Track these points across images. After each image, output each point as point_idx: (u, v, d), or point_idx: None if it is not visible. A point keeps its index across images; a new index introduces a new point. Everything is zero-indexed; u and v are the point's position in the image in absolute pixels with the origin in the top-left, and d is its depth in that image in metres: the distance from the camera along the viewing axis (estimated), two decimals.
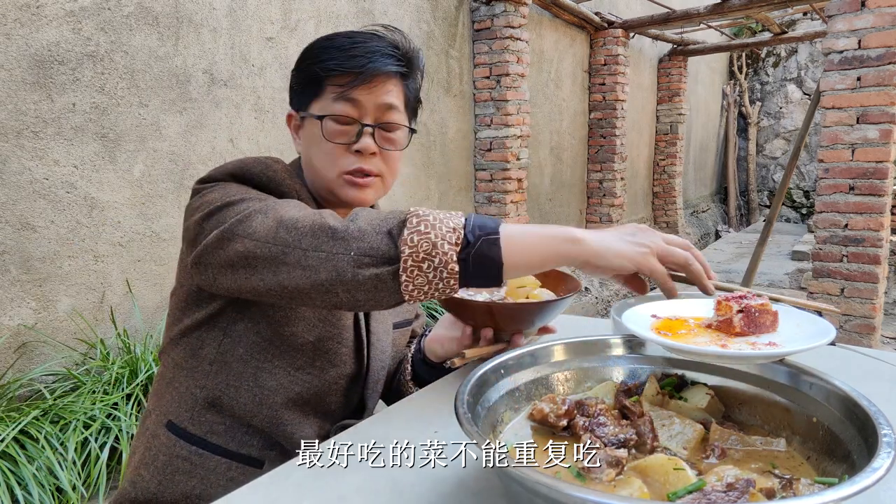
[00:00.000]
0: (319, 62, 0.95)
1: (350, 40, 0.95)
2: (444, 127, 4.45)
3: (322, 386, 0.97)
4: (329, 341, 0.96)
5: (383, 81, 0.95)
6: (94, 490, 2.05)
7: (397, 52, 0.97)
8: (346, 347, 0.99)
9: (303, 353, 0.95)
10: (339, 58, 0.94)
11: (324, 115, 0.94)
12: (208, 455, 0.94)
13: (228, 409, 0.94)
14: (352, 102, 0.93)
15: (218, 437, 0.94)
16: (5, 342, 2.27)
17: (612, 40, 5.98)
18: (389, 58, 0.95)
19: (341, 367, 0.99)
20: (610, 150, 6.19)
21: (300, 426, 0.95)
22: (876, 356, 1.08)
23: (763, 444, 0.68)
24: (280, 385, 0.94)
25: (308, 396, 0.96)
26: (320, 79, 0.95)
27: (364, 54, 0.94)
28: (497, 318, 0.93)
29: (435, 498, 0.66)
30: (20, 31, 2.24)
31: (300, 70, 0.99)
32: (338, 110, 0.94)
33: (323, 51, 0.96)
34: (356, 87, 0.93)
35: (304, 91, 0.98)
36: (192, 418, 0.95)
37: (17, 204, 2.28)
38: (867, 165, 3.52)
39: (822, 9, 5.44)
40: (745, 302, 0.78)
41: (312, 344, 0.95)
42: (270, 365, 0.94)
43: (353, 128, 0.94)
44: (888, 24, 3.37)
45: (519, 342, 0.95)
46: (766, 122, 10.04)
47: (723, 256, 7.19)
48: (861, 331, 3.64)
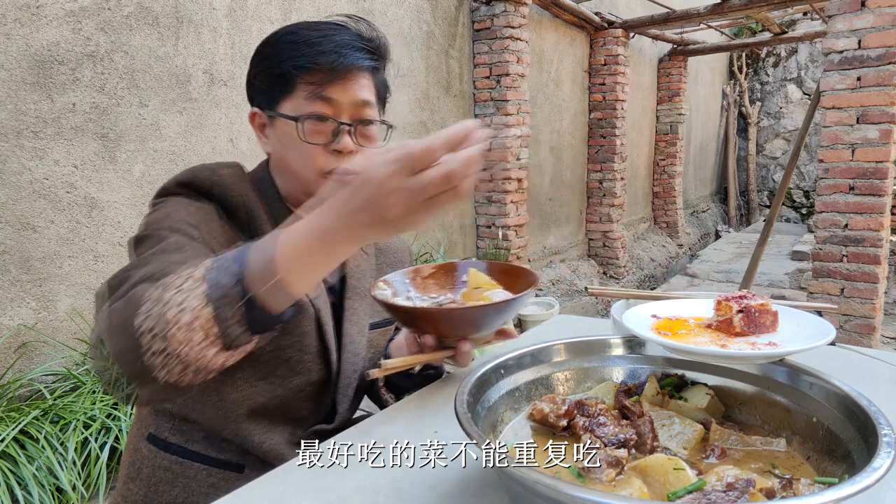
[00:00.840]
0: (288, 59, 0.89)
1: (317, 33, 0.90)
2: (444, 127, 4.44)
3: (287, 394, 0.95)
4: (288, 349, 0.93)
5: (356, 76, 0.91)
6: (94, 490, 2.05)
7: (368, 45, 0.93)
8: (309, 354, 0.95)
9: (263, 363, 0.92)
10: (309, 53, 0.88)
11: (299, 117, 0.89)
12: (188, 463, 0.94)
13: (198, 423, 0.95)
14: (327, 101, 0.89)
15: (197, 445, 0.94)
16: (5, 342, 2.27)
17: (612, 40, 5.97)
18: (361, 51, 0.91)
19: (306, 375, 0.96)
20: (610, 150, 6.19)
21: (269, 435, 0.94)
22: (876, 356, 1.08)
23: (763, 444, 0.68)
24: (243, 397, 0.92)
25: (273, 406, 0.94)
26: (290, 77, 0.89)
27: (335, 49, 0.89)
28: (439, 324, 0.87)
29: (435, 498, 0.66)
30: (20, 31, 2.24)
31: (264, 67, 0.93)
32: (313, 110, 0.89)
33: (290, 46, 0.90)
34: (330, 84, 0.89)
35: (272, 89, 0.92)
36: (170, 429, 0.96)
37: (17, 204, 2.28)
38: (867, 165, 3.52)
39: (822, 9, 5.44)
40: (745, 302, 0.79)
41: (271, 354, 0.92)
42: (232, 378, 0.91)
43: (330, 127, 0.90)
44: (888, 24, 3.37)
45: (463, 348, 0.89)
46: (766, 122, 10.04)
47: (723, 256, 7.19)
48: (861, 331, 3.64)
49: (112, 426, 2.16)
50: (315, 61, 0.88)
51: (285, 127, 0.91)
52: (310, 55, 0.88)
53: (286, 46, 0.91)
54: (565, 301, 5.24)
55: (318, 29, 0.91)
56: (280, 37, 0.93)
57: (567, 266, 5.97)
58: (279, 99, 0.92)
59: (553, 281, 5.57)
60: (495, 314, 0.86)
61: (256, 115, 0.97)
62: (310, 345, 0.95)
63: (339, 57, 0.89)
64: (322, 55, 0.88)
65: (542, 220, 5.65)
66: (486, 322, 0.87)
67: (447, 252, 4.57)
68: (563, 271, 5.81)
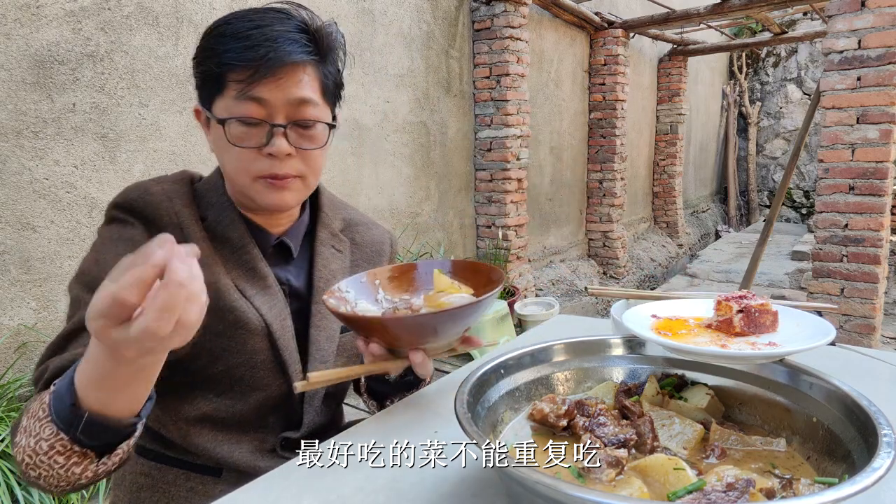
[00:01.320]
0: (216, 54, 0.82)
1: (249, 24, 0.82)
2: (444, 127, 4.45)
3: (247, 409, 0.92)
4: (239, 368, 0.90)
5: (291, 72, 0.82)
6: (94, 490, 2.05)
7: (305, 36, 0.84)
8: (264, 370, 0.91)
9: (216, 382, 0.90)
10: (236, 48, 0.80)
11: (226, 119, 0.82)
12: (167, 468, 0.94)
13: (165, 437, 0.94)
14: (256, 101, 0.82)
15: (173, 450, 0.94)
16: (5, 342, 2.27)
17: (612, 40, 5.98)
18: (295, 44, 0.82)
19: (264, 390, 0.92)
20: (610, 150, 6.19)
21: (237, 446, 0.92)
22: (876, 356, 1.08)
23: (763, 444, 0.68)
24: (203, 413, 0.91)
25: (236, 420, 0.92)
26: (219, 74, 0.82)
27: (265, 41, 0.80)
28: (387, 333, 0.80)
29: (435, 498, 0.66)
30: (20, 31, 2.24)
31: (198, 62, 0.86)
32: (241, 111, 0.82)
33: (219, 40, 0.82)
34: (259, 83, 0.81)
35: (205, 87, 0.86)
36: (148, 436, 0.96)
37: (17, 204, 2.28)
38: (867, 165, 3.52)
39: (822, 9, 5.44)
40: (745, 302, 0.79)
41: (223, 373, 0.90)
42: (191, 396, 0.90)
43: (262, 129, 0.83)
44: (888, 24, 3.37)
45: (414, 359, 0.81)
46: (766, 122, 10.04)
47: (723, 256, 7.19)
48: (861, 331, 3.64)
49: None
50: (243, 57, 0.80)
51: (217, 129, 0.85)
52: (237, 50, 0.80)
53: (216, 40, 0.83)
54: (565, 301, 5.24)
55: (252, 19, 0.83)
56: (214, 28, 0.85)
57: (567, 266, 5.97)
58: (212, 97, 0.85)
59: (553, 281, 5.57)
60: (450, 321, 0.77)
61: (200, 111, 0.90)
62: (262, 361, 0.91)
63: (270, 51, 0.80)
64: (251, 49, 0.80)
65: (542, 220, 5.65)
66: (443, 330, 0.79)
67: (447, 252, 4.57)
68: (563, 271, 5.81)
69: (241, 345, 0.89)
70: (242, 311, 0.89)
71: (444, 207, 4.54)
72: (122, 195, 0.88)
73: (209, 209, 0.92)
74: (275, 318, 0.91)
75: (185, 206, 0.89)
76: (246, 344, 0.90)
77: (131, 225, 0.86)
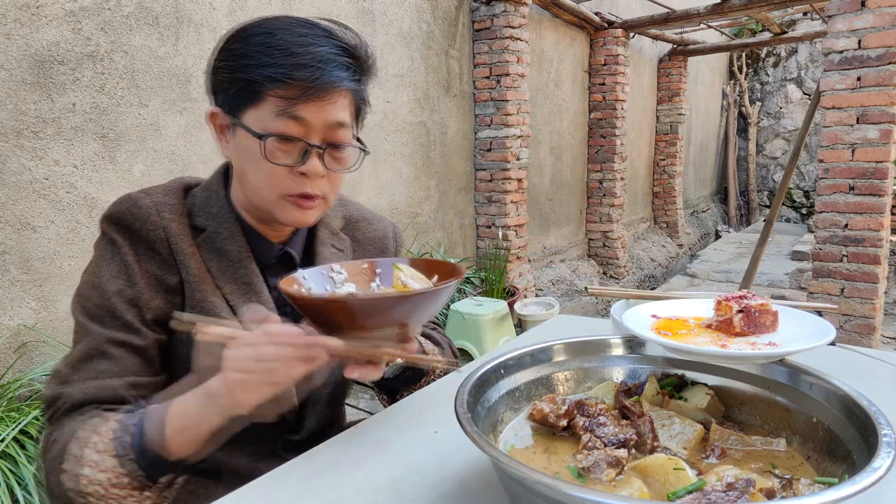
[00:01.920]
0: (260, 66, 0.79)
1: (297, 39, 0.80)
2: (444, 127, 4.45)
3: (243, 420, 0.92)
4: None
5: (335, 97, 0.82)
6: None
7: (353, 62, 0.83)
8: None
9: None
10: (285, 64, 0.78)
11: (265, 135, 0.80)
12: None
13: None
14: (297, 120, 0.80)
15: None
16: (5, 342, 2.27)
17: (612, 40, 5.98)
18: (343, 69, 0.81)
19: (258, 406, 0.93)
20: (610, 150, 6.19)
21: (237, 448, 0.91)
22: (876, 356, 1.08)
23: (763, 444, 0.68)
24: None
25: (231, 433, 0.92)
26: (260, 86, 0.79)
27: (315, 63, 0.79)
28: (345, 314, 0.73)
29: (435, 498, 0.66)
30: (20, 31, 2.24)
31: (231, 67, 0.82)
32: (280, 129, 0.80)
33: (263, 51, 0.79)
34: (305, 103, 0.80)
35: (237, 94, 0.82)
36: None
37: (17, 204, 2.28)
38: (867, 165, 3.52)
39: (822, 9, 5.44)
40: (745, 302, 0.79)
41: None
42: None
43: (299, 147, 0.82)
44: (888, 24, 3.37)
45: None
46: (766, 122, 10.04)
47: (723, 256, 7.19)
48: (861, 331, 3.64)
49: None
50: (291, 75, 0.78)
51: (247, 140, 0.82)
52: (285, 66, 0.78)
53: (259, 49, 0.80)
54: (565, 301, 5.24)
55: (299, 33, 0.81)
56: (253, 35, 0.82)
57: (567, 266, 5.97)
58: (244, 107, 0.82)
59: (553, 281, 5.57)
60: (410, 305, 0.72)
61: (217, 115, 0.87)
62: None
63: (319, 73, 0.79)
64: (299, 69, 0.78)
65: (542, 220, 5.65)
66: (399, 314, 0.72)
67: (447, 252, 4.57)
68: (563, 271, 5.81)
69: None
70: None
71: (444, 207, 4.54)
72: (113, 207, 0.87)
73: (208, 219, 0.90)
74: None
75: (174, 219, 0.87)
76: None
77: (118, 245, 0.85)
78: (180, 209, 0.89)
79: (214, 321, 0.66)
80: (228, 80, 0.82)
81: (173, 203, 0.89)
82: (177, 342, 0.87)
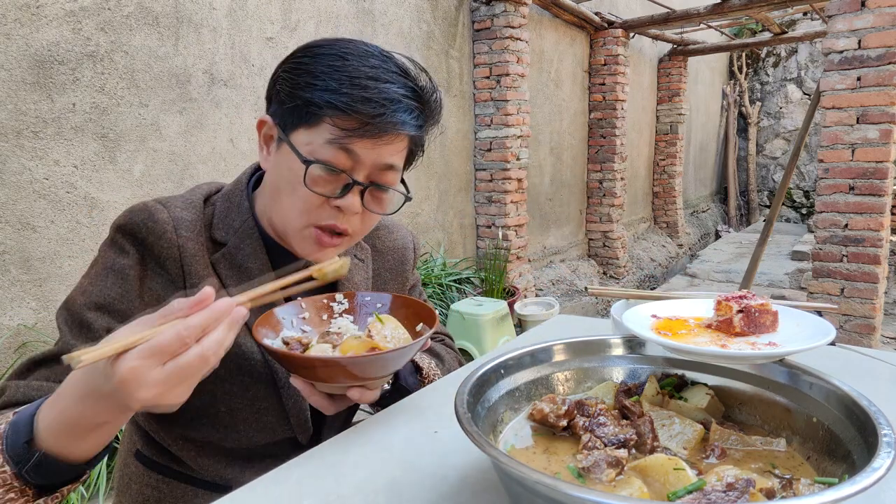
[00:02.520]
0: (325, 90, 0.75)
1: (369, 72, 0.76)
2: (444, 127, 4.45)
3: (254, 445, 0.90)
4: (243, 411, 0.87)
5: (393, 138, 0.78)
6: (94, 490, 2.05)
7: (419, 106, 0.79)
8: (269, 416, 0.88)
9: (221, 418, 0.87)
10: (350, 95, 0.74)
11: (311, 161, 0.76)
12: (175, 483, 0.93)
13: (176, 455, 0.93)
14: (348, 153, 0.76)
15: (181, 466, 0.93)
16: (5, 342, 2.27)
17: (612, 40, 5.98)
18: (410, 114, 0.77)
19: (269, 433, 0.89)
20: (610, 150, 6.19)
21: (248, 466, 0.91)
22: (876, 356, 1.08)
23: (763, 444, 0.68)
24: (211, 441, 0.89)
25: (243, 448, 0.90)
26: (318, 108, 0.76)
27: (382, 100, 0.75)
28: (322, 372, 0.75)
29: (435, 498, 0.66)
30: (20, 31, 2.24)
31: (293, 81, 0.78)
32: (328, 157, 0.76)
33: (331, 74, 0.76)
34: (361, 139, 0.76)
35: (293, 110, 0.78)
36: (155, 449, 0.94)
37: (17, 204, 2.28)
38: (867, 165, 3.52)
39: (822, 9, 5.44)
40: (745, 302, 0.79)
41: (227, 413, 0.86)
42: (196, 424, 0.88)
43: (342, 180, 0.78)
44: (888, 24, 3.37)
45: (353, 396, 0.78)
46: (766, 122, 10.04)
47: (723, 256, 7.19)
48: (861, 331, 3.64)
49: None
50: (354, 107, 0.74)
51: (291, 160, 0.78)
52: (350, 97, 0.74)
53: (327, 71, 0.76)
54: (565, 301, 5.24)
55: (371, 65, 0.77)
56: (324, 55, 0.77)
57: (567, 266, 5.97)
58: (297, 125, 0.78)
59: (553, 281, 5.58)
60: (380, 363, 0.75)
61: (266, 124, 0.83)
62: (266, 408, 0.88)
63: (383, 110, 0.75)
64: (364, 103, 0.74)
65: (542, 220, 5.65)
66: (370, 372, 0.75)
67: (447, 252, 4.57)
68: (563, 271, 5.81)
69: (243, 390, 0.86)
70: (246, 356, 0.85)
71: (443, 207, 4.54)
72: (128, 216, 0.82)
73: (229, 233, 0.86)
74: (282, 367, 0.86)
75: (191, 237, 0.83)
76: (248, 390, 0.86)
77: (126, 254, 0.82)
78: (199, 225, 0.85)
79: (105, 341, 0.56)
80: (288, 93, 0.78)
81: (192, 219, 0.84)
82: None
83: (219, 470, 0.91)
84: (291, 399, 0.88)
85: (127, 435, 0.99)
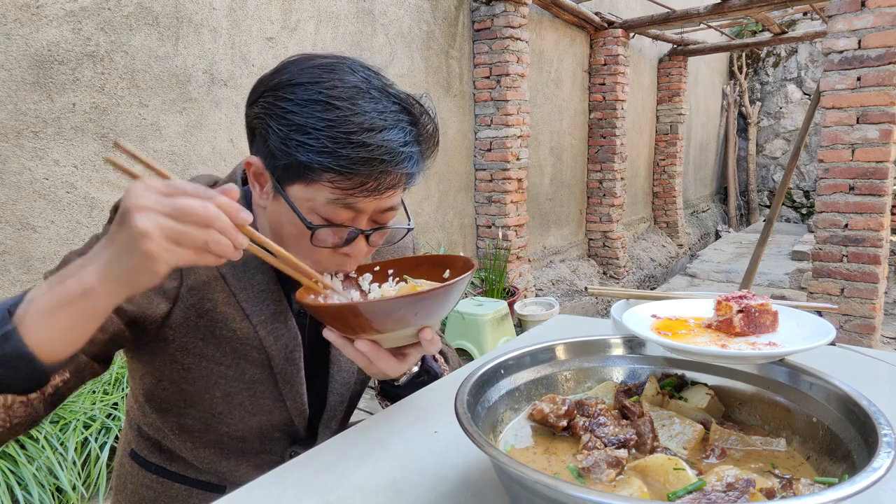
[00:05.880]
0: (319, 151, 0.70)
1: (366, 121, 0.71)
2: (444, 127, 4.45)
3: (250, 431, 0.90)
4: (239, 395, 0.87)
5: (394, 188, 0.76)
6: (94, 490, 2.05)
7: (419, 147, 0.77)
8: (265, 399, 0.88)
9: (216, 404, 0.87)
10: (349, 157, 0.70)
11: (312, 225, 0.74)
12: (169, 483, 0.93)
13: (168, 450, 0.93)
14: (351, 208, 0.74)
15: (176, 465, 0.93)
16: None
17: (612, 40, 5.98)
18: (411, 160, 0.75)
19: (266, 416, 0.89)
20: (610, 150, 6.19)
21: (243, 458, 0.91)
22: (876, 356, 1.08)
23: (763, 444, 0.68)
24: (206, 427, 0.89)
25: (238, 437, 0.90)
26: (314, 172, 0.72)
27: (381, 157, 0.71)
28: (361, 319, 0.72)
29: (435, 498, 0.66)
30: (20, 31, 2.24)
31: (282, 136, 0.72)
32: (331, 216, 0.74)
33: (322, 129, 0.70)
34: (364, 198, 0.74)
35: (287, 168, 0.73)
36: (150, 449, 0.95)
37: (17, 204, 2.28)
38: (867, 165, 3.52)
39: (822, 9, 5.44)
40: (745, 302, 0.79)
41: (222, 398, 0.87)
42: (192, 411, 0.88)
43: (345, 230, 0.78)
44: (888, 24, 3.37)
45: (425, 336, 0.75)
46: (766, 122, 10.04)
47: (723, 256, 7.19)
48: (861, 331, 3.64)
49: (112, 426, 2.16)
50: (354, 169, 0.70)
51: (292, 215, 0.75)
52: (349, 159, 0.70)
53: (317, 124, 0.70)
54: (565, 301, 5.24)
55: (364, 109, 0.71)
56: (311, 100, 0.71)
57: (567, 266, 5.97)
58: (293, 181, 0.74)
59: (553, 281, 5.57)
60: (419, 304, 0.71)
61: (254, 166, 0.78)
62: (262, 391, 0.88)
63: (387, 168, 0.72)
64: (366, 163, 0.70)
65: (542, 220, 5.65)
66: (413, 314, 0.72)
67: (447, 252, 4.57)
68: (563, 271, 5.81)
69: (239, 373, 0.86)
70: (243, 340, 0.84)
71: (443, 207, 4.54)
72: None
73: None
74: (279, 350, 0.86)
75: None
76: (245, 374, 0.86)
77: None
78: None
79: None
80: (279, 148, 0.73)
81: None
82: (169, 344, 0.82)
83: (214, 463, 0.91)
84: (288, 383, 0.89)
85: (123, 434, 1.00)
